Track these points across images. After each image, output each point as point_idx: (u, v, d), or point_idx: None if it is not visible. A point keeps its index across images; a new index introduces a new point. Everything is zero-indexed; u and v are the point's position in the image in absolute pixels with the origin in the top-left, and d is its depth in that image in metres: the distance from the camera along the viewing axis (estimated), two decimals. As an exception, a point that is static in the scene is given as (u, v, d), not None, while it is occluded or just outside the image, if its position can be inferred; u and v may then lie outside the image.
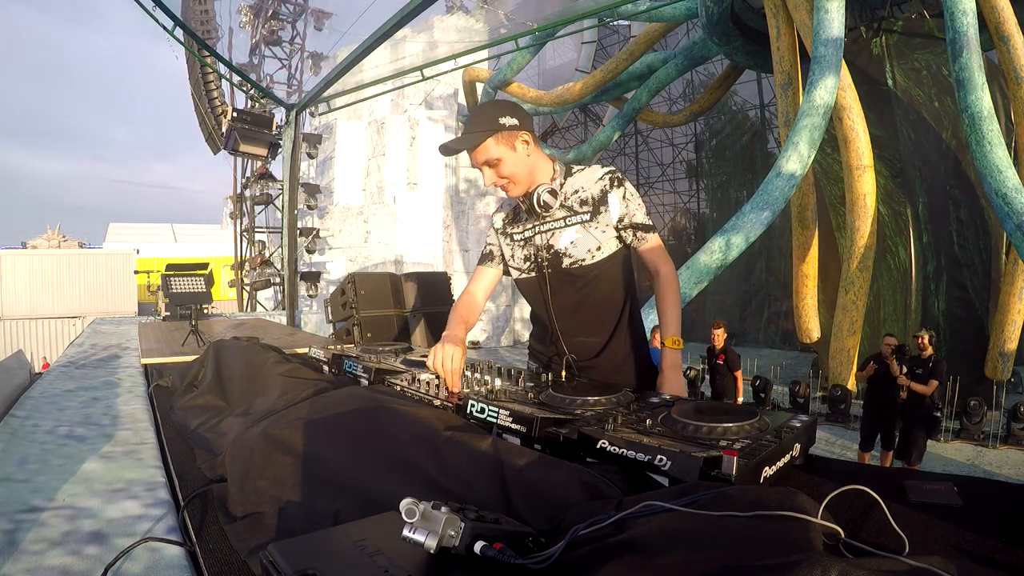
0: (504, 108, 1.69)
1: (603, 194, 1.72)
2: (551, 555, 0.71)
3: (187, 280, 6.18)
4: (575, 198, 1.75)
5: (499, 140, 1.67)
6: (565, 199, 1.76)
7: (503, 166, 1.69)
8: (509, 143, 1.68)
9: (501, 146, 1.67)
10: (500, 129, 1.66)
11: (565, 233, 1.76)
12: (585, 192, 1.74)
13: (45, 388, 2.38)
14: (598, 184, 1.73)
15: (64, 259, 15.16)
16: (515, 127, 1.67)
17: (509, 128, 1.66)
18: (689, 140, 20.18)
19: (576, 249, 1.75)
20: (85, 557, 0.98)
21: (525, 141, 1.70)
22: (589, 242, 1.74)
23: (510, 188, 1.74)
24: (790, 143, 7.78)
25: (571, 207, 1.75)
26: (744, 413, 1.19)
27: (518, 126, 1.68)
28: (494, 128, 1.65)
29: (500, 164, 1.69)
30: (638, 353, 1.85)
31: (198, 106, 15.12)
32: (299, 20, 21.26)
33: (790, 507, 0.73)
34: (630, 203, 1.73)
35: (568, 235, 1.76)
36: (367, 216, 16.67)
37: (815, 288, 9.77)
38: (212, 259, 15.00)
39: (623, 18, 14.35)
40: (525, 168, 1.72)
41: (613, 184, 1.73)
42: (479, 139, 1.66)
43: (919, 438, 5.81)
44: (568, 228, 1.76)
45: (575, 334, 1.83)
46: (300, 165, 8.47)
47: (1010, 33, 7.70)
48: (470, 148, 1.69)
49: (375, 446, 1.20)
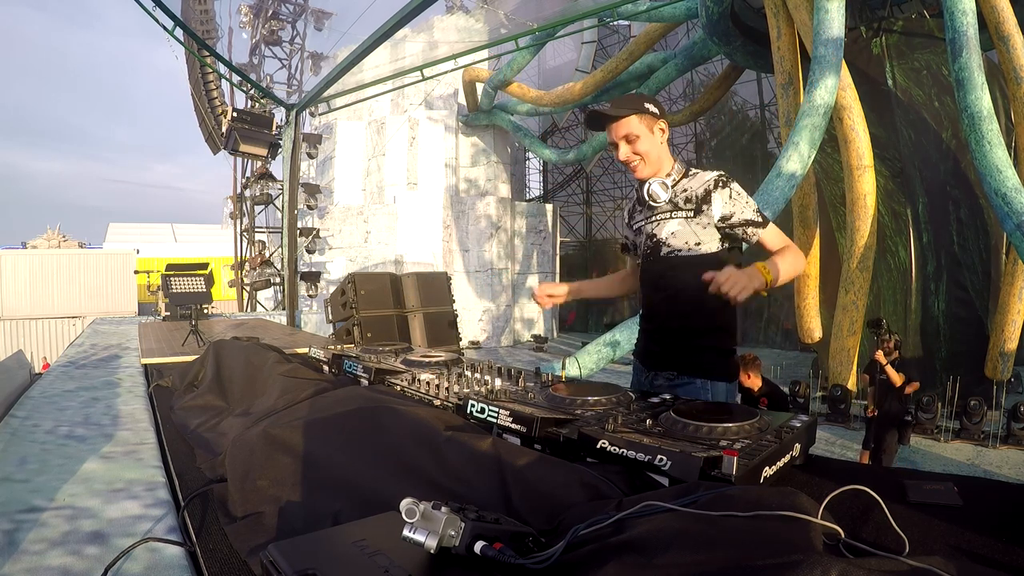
0: (648, 98, 1.90)
1: (707, 193, 1.81)
2: (551, 555, 0.71)
3: (187, 280, 6.18)
4: (683, 195, 1.86)
5: (642, 120, 1.85)
6: (675, 195, 1.87)
7: (640, 143, 1.85)
8: (649, 126, 1.86)
9: (643, 125, 1.85)
10: (645, 112, 1.85)
11: (668, 224, 1.88)
12: (691, 191, 1.85)
13: (45, 388, 2.38)
14: (704, 185, 1.83)
15: (64, 259, 15.16)
16: (656, 115, 1.86)
17: (651, 114, 1.85)
18: (689, 140, 20.17)
19: (675, 240, 1.86)
20: (85, 557, 0.98)
21: (662, 130, 1.89)
22: (688, 236, 1.84)
23: (639, 167, 1.89)
24: (790, 143, 7.78)
25: (677, 203, 1.87)
26: (744, 413, 1.19)
27: (658, 115, 1.87)
28: (640, 109, 1.84)
29: (638, 141, 1.85)
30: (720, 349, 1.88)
31: (198, 106, 15.12)
32: (299, 20, 21.25)
33: (790, 507, 0.73)
34: (736, 202, 1.81)
35: (670, 226, 1.87)
36: (367, 216, 16.65)
37: (816, 288, 9.76)
38: (212, 259, 15.01)
39: (623, 18, 14.33)
40: (656, 152, 1.88)
41: (718, 185, 1.81)
42: (627, 113, 1.84)
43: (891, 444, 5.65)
44: (672, 220, 1.87)
45: (665, 321, 1.93)
46: (300, 165, 8.47)
47: (1010, 33, 7.69)
48: (617, 118, 1.85)
49: (375, 446, 1.20)
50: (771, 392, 5.05)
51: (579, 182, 23.18)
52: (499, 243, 17.57)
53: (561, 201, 22.95)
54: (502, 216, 17.67)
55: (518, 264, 18.22)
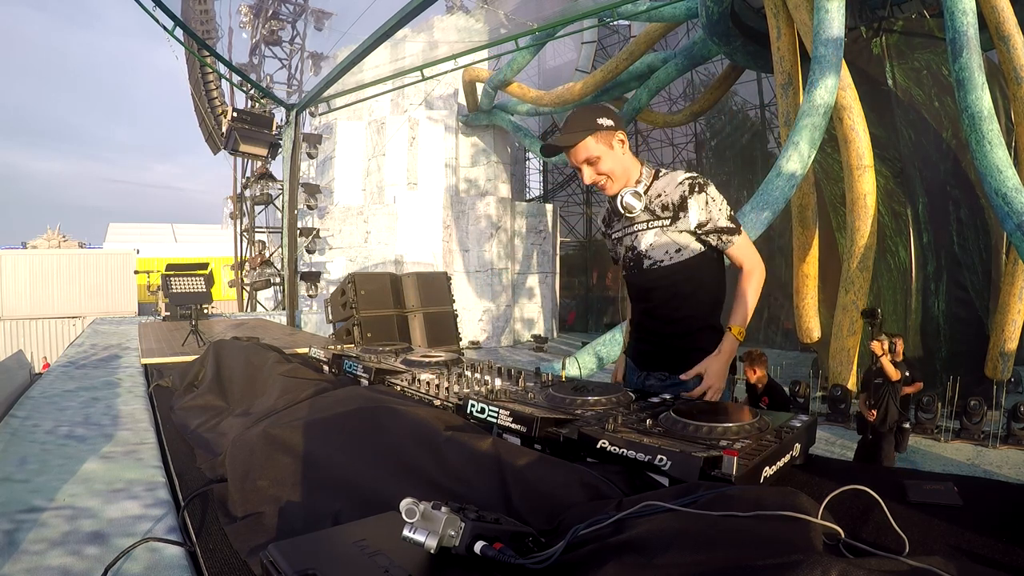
0: (600, 110, 1.81)
1: (683, 200, 1.77)
2: (551, 555, 0.71)
3: (187, 280, 6.18)
4: (658, 202, 1.82)
5: (598, 139, 1.77)
6: (650, 202, 1.83)
7: (602, 163, 1.79)
8: (607, 142, 1.78)
9: (600, 144, 1.78)
10: (599, 129, 1.76)
11: (646, 236, 1.85)
12: (667, 197, 1.80)
13: (45, 388, 2.38)
14: (678, 189, 1.78)
15: (64, 259, 15.16)
16: (612, 128, 1.78)
17: (607, 128, 1.77)
18: (689, 140, 20.17)
19: (656, 251, 1.84)
20: (85, 557, 0.98)
21: (621, 141, 1.81)
22: (668, 245, 1.82)
23: (608, 186, 1.84)
24: (790, 143, 7.78)
25: (654, 211, 1.82)
26: (744, 413, 1.19)
27: (614, 127, 1.79)
28: (593, 128, 1.76)
29: (599, 162, 1.79)
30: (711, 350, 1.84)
31: (198, 106, 15.12)
32: (299, 20, 21.25)
33: (790, 507, 0.73)
34: (712, 208, 1.78)
35: (648, 237, 1.84)
36: (367, 216, 16.65)
37: (815, 288, 9.77)
38: (212, 259, 15.01)
39: (623, 18, 14.33)
40: (621, 166, 1.82)
41: (693, 190, 1.77)
42: (580, 137, 1.76)
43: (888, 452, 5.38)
44: (649, 231, 1.84)
45: (653, 330, 1.92)
46: (300, 165, 8.47)
47: (1010, 33, 7.69)
48: (571, 146, 1.77)
49: (375, 446, 1.20)
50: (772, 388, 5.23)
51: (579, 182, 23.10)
52: (499, 243, 17.57)
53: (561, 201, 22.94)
54: (502, 216, 17.66)
55: (518, 264, 18.21)
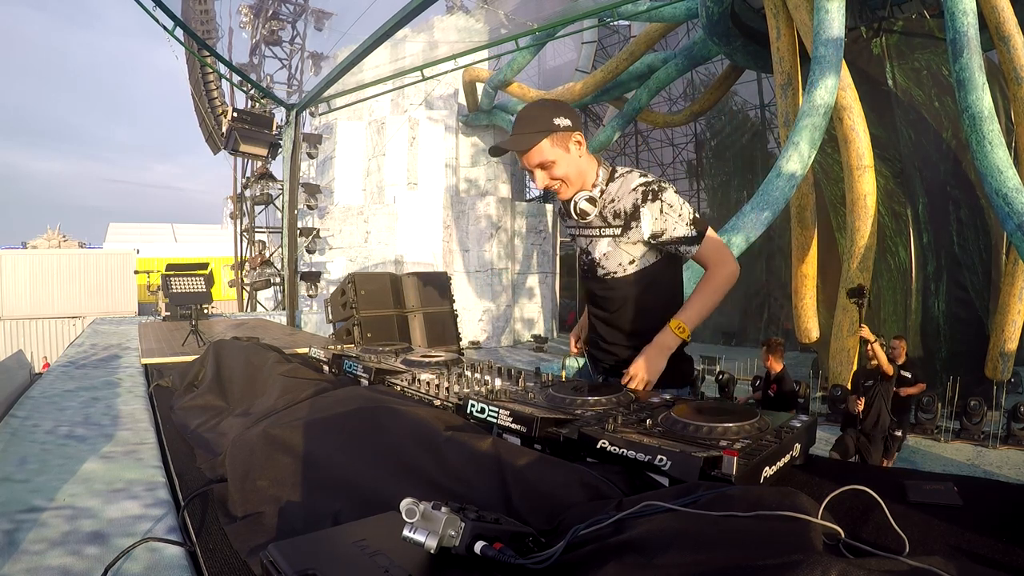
0: (558, 108, 1.63)
1: (635, 208, 1.63)
2: (551, 555, 0.71)
3: (187, 280, 6.17)
4: (611, 208, 1.69)
5: (554, 142, 1.61)
6: (603, 207, 1.70)
7: (557, 168, 1.63)
8: (563, 144, 1.62)
9: (556, 148, 1.61)
10: (555, 130, 1.59)
11: (599, 244, 1.74)
12: (619, 204, 1.67)
13: (45, 388, 2.38)
14: (631, 196, 1.64)
15: (64, 259, 15.17)
16: (569, 128, 1.61)
17: (564, 129, 1.60)
18: (689, 140, 20.18)
19: (608, 261, 1.73)
20: (85, 557, 0.98)
21: (578, 142, 1.64)
22: (620, 256, 1.70)
23: (562, 190, 1.70)
24: (790, 143, 7.78)
25: (606, 218, 1.70)
26: (744, 413, 1.19)
27: (571, 127, 1.62)
28: (549, 129, 1.58)
29: (554, 166, 1.63)
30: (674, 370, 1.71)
31: (198, 106, 15.13)
32: (299, 20, 21.28)
33: (790, 507, 0.73)
34: (668, 217, 1.62)
35: (601, 246, 1.73)
36: (367, 216, 16.65)
37: (815, 288, 9.77)
38: (212, 259, 15.01)
39: (623, 18, 14.34)
40: (576, 170, 1.67)
41: (647, 198, 1.62)
42: (534, 140, 1.59)
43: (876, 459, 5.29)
44: (602, 239, 1.72)
45: (608, 342, 1.82)
46: (300, 165, 8.46)
47: (1010, 33, 7.69)
48: (524, 150, 1.61)
49: (375, 446, 1.20)
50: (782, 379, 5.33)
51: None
52: (499, 243, 17.57)
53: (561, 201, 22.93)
54: (502, 216, 17.67)
55: (518, 264, 18.22)
